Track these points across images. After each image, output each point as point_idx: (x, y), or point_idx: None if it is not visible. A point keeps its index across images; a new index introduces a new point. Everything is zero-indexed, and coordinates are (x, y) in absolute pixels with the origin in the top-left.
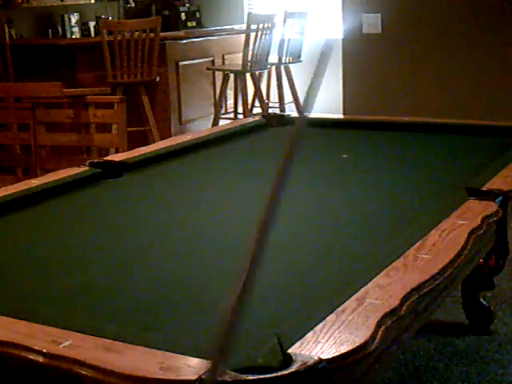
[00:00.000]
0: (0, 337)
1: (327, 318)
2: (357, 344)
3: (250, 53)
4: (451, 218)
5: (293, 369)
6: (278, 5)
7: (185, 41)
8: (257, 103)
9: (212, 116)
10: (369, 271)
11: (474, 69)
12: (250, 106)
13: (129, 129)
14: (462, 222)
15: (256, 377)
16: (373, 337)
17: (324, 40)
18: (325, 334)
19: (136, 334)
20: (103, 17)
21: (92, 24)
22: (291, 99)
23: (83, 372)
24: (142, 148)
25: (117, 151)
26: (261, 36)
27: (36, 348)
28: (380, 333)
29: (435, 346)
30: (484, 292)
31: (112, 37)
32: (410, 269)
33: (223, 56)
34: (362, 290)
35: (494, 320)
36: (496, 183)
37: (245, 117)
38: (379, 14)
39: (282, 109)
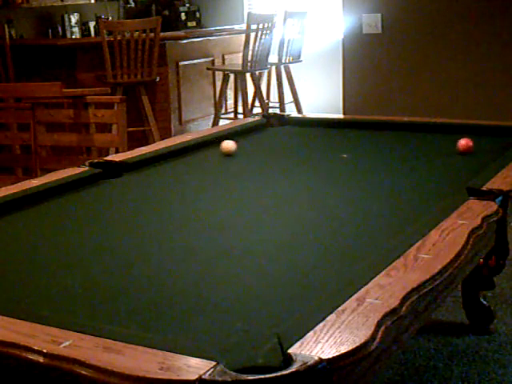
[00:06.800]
0: (0, 337)
1: (327, 318)
2: (357, 344)
3: (250, 53)
4: (451, 218)
5: (293, 369)
6: (278, 5)
7: (185, 41)
8: (257, 103)
9: (212, 116)
10: (369, 271)
11: (474, 69)
12: (250, 106)
13: (129, 129)
14: (462, 222)
15: (256, 377)
16: (373, 337)
17: None
18: (325, 333)
19: (136, 334)
20: (103, 17)
21: (92, 24)
22: (291, 99)
23: (83, 372)
24: (142, 148)
25: (117, 151)
26: (261, 36)
27: (36, 348)
28: (380, 333)
29: (435, 346)
30: (484, 292)
31: (112, 37)
32: (410, 269)
33: (223, 56)
34: (362, 289)
35: (494, 320)
36: (496, 183)
37: (245, 117)
38: (379, 14)
39: (282, 109)
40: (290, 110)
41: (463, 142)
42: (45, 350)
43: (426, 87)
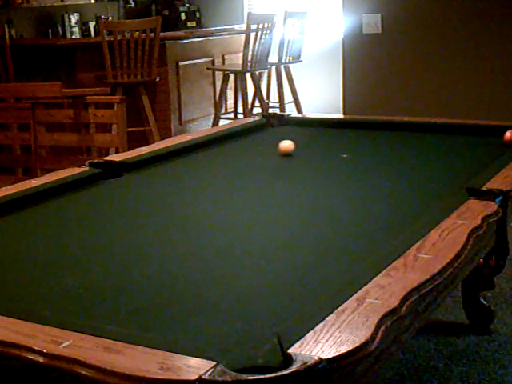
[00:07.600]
0: (0, 337)
1: (327, 318)
2: (357, 344)
3: (250, 53)
4: (451, 218)
5: (293, 369)
6: (278, 5)
7: (185, 41)
8: (257, 103)
9: (212, 116)
10: (369, 271)
11: (474, 69)
12: (250, 106)
13: (129, 129)
14: (461, 222)
15: (256, 377)
16: (373, 337)
17: None
18: (325, 333)
19: (136, 334)
20: (103, 17)
21: (92, 24)
22: (291, 99)
23: (83, 372)
24: (142, 148)
25: (117, 151)
26: (261, 36)
27: (36, 348)
28: (380, 333)
29: (435, 346)
30: (484, 292)
31: (112, 37)
32: (410, 269)
33: (223, 56)
34: (362, 289)
35: (494, 320)
36: (496, 183)
37: (245, 117)
38: (379, 14)
39: (282, 109)
40: (290, 110)
41: (509, 135)
42: (45, 350)
43: (425, 87)
